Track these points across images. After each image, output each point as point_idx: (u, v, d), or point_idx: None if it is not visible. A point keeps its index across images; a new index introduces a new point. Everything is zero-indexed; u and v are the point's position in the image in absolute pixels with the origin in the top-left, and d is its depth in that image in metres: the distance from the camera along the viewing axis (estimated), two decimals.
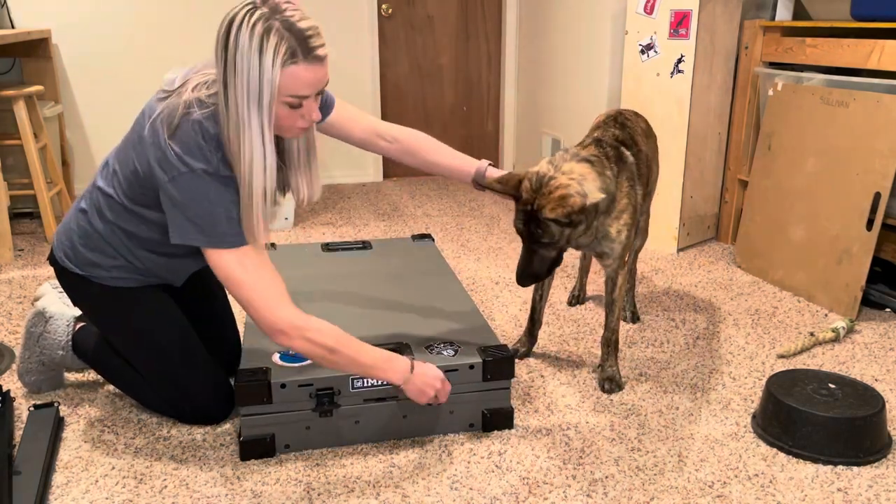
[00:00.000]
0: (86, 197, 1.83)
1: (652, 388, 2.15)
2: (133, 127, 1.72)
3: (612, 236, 1.99)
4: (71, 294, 1.91)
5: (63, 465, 1.77)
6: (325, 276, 2.44)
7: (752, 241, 3.12)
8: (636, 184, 2.03)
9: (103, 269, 1.81)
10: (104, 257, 1.80)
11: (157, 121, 1.60)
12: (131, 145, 1.69)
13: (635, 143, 2.12)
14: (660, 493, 1.67)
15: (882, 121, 2.56)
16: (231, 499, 1.65)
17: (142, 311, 1.86)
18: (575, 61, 4.01)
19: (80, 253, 1.81)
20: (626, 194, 1.97)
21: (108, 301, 1.85)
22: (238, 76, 1.49)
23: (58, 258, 1.85)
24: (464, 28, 4.89)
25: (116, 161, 1.75)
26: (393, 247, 2.75)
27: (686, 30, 3.13)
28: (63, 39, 4.17)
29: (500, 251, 3.43)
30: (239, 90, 1.50)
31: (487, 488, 1.68)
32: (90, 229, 1.79)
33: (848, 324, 2.48)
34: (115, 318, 1.88)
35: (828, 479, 1.73)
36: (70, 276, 1.85)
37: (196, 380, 1.91)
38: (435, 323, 2.07)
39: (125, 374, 1.98)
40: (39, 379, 2.08)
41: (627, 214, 1.98)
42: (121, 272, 1.82)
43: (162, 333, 1.88)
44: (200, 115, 1.58)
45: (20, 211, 3.87)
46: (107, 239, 1.79)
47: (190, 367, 1.90)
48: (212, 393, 1.93)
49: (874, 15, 2.69)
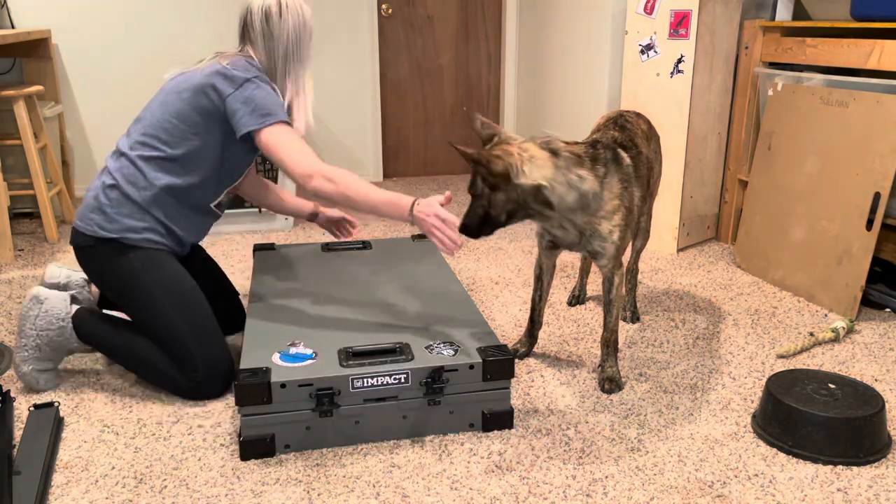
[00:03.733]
0: (108, 175, 2.10)
1: (652, 388, 2.15)
2: (156, 97, 2.13)
3: (603, 235, 1.99)
4: (99, 264, 2.09)
5: (63, 465, 1.77)
6: (325, 276, 2.45)
7: (751, 241, 3.12)
8: (632, 185, 2.02)
9: (136, 231, 2.06)
10: (136, 221, 2.06)
11: (203, 68, 2.09)
12: (163, 102, 2.09)
13: (635, 146, 2.12)
14: (660, 493, 1.67)
15: (882, 121, 2.56)
16: (231, 499, 1.65)
17: (167, 273, 2.08)
18: (575, 61, 4.01)
19: (114, 220, 2.05)
20: (617, 195, 1.97)
21: (138, 262, 2.06)
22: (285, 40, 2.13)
23: (89, 232, 2.06)
24: (464, 28, 4.89)
25: (144, 126, 2.09)
26: (393, 247, 2.75)
27: (686, 30, 3.13)
28: (63, 39, 4.17)
29: (500, 251, 3.43)
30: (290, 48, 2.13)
31: (487, 488, 1.68)
32: (122, 198, 2.06)
33: (848, 324, 2.48)
34: (142, 278, 2.06)
35: (828, 479, 1.73)
36: (102, 246, 2.06)
37: (209, 341, 2.08)
38: (435, 323, 2.07)
39: (129, 350, 2.10)
40: (36, 370, 2.08)
41: (620, 216, 1.98)
42: (151, 234, 2.08)
43: (184, 294, 2.08)
44: (242, 56, 2.12)
45: (20, 211, 3.87)
46: (140, 203, 2.06)
47: (205, 328, 2.08)
48: (220, 357, 2.09)
49: (874, 15, 2.69)
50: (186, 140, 2.07)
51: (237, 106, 2.02)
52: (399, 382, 1.82)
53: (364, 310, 2.17)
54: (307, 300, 2.25)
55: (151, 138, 2.08)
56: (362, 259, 2.61)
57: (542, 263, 2.26)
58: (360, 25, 4.63)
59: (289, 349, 1.91)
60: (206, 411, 2.01)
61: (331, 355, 1.87)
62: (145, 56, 4.29)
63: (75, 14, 4.15)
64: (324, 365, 1.83)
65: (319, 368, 1.81)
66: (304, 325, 2.06)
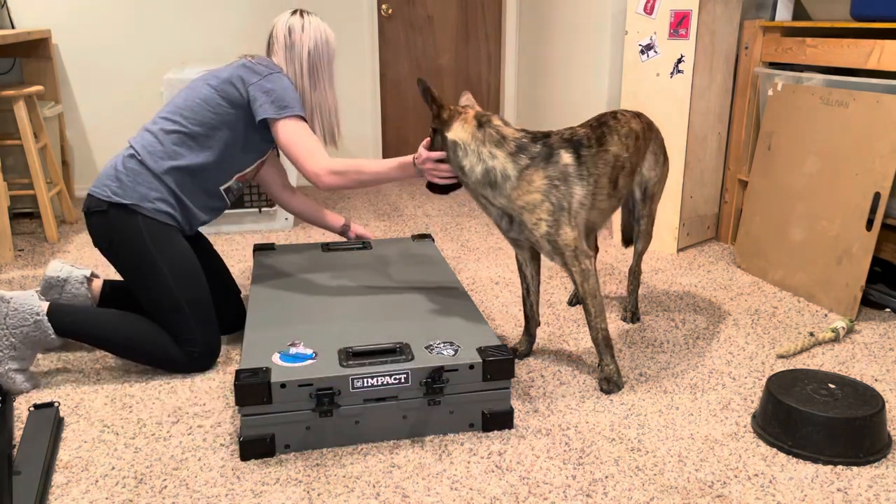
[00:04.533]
0: (129, 147, 2.23)
1: (652, 388, 2.15)
2: (183, 89, 2.31)
3: (529, 227, 2.04)
4: (109, 230, 2.17)
5: (63, 465, 1.77)
6: (325, 276, 2.45)
7: (751, 241, 3.12)
8: (570, 184, 2.02)
9: (149, 200, 2.16)
10: (150, 190, 2.17)
11: (233, 64, 2.29)
12: (191, 88, 2.27)
13: (599, 144, 2.10)
14: (660, 493, 1.67)
15: (882, 121, 2.56)
16: (231, 499, 1.65)
17: (175, 248, 2.18)
18: (575, 61, 4.01)
19: (128, 187, 2.16)
20: (539, 189, 2.00)
21: (147, 232, 2.15)
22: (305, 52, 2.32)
23: (103, 197, 2.16)
24: (464, 28, 4.89)
25: (169, 108, 2.25)
26: (393, 247, 2.75)
27: (686, 30, 3.13)
28: (63, 39, 4.17)
29: (500, 251, 3.43)
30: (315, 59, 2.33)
31: (487, 488, 1.68)
32: (140, 167, 2.18)
33: (848, 324, 2.48)
34: (149, 248, 2.14)
35: (828, 479, 1.73)
36: (114, 210, 2.15)
37: (207, 320, 2.20)
38: (435, 323, 2.07)
39: (115, 331, 2.17)
40: (12, 370, 2.06)
41: (545, 211, 2.01)
42: (163, 205, 2.18)
43: (188, 271, 2.18)
44: (266, 58, 2.33)
45: (20, 211, 3.87)
46: (156, 171, 2.17)
47: (205, 306, 2.20)
48: (216, 337, 2.23)
49: (874, 15, 2.69)
50: (208, 120, 2.22)
51: (258, 94, 2.19)
52: (399, 382, 1.82)
53: (364, 310, 2.17)
54: (307, 300, 2.25)
55: (175, 115, 2.24)
56: (362, 259, 2.61)
57: (517, 255, 2.28)
58: (360, 25, 4.63)
59: (289, 349, 1.91)
60: (206, 411, 2.01)
61: (331, 355, 1.87)
62: (145, 56, 4.29)
63: (75, 14, 4.15)
64: (324, 365, 1.83)
65: (319, 368, 1.81)
66: (304, 325, 2.06)
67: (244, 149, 2.29)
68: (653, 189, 2.42)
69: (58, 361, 2.29)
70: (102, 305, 2.41)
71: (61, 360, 2.30)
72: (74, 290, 2.37)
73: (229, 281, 2.51)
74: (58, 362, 2.29)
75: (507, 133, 2.04)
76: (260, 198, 3.71)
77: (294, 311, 2.17)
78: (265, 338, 1.99)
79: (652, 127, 2.40)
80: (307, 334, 2.00)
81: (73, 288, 2.37)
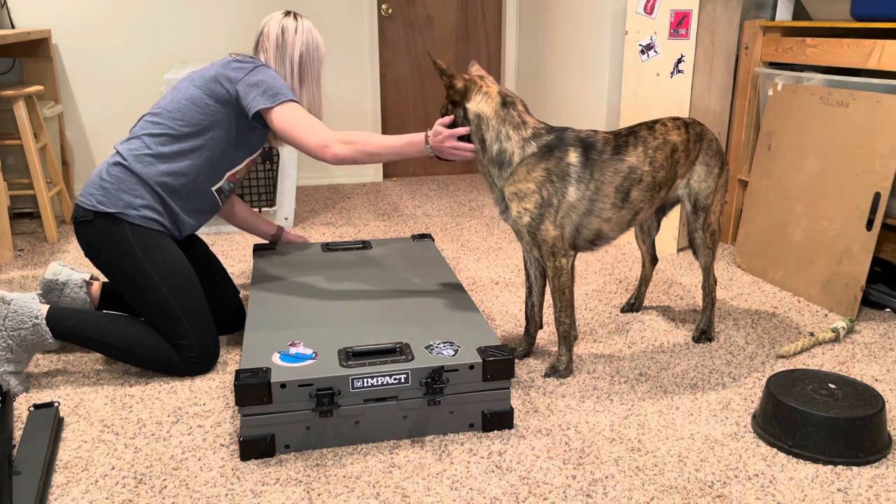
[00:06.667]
0: (116, 154, 2.21)
1: (652, 388, 2.15)
2: (169, 91, 2.29)
3: (512, 215, 2.08)
4: (96, 239, 2.15)
5: (63, 465, 1.77)
6: (325, 276, 2.45)
7: (752, 241, 3.12)
8: (566, 184, 2.03)
9: (134, 208, 2.14)
10: (135, 198, 2.15)
11: (217, 63, 2.28)
12: (177, 89, 2.26)
13: (616, 153, 2.09)
14: (660, 493, 1.67)
15: (882, 121, 2.56)
16: (231, 499, 1.65)
17: (164, 255, 2.17)
18: (575, 61, 4.01)
19: (112, 195, 2.14)
20: (535, 180, 2.02)
21: (135, 240, 2.14)
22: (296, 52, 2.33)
23: (88, 206, 2.15)
24: (464, 28, 4.89)
25: (161, 110, 2.23)
26: (393, 247, 2.75)
27: (686, 30, 3.13)
28: (63, 39, 4.17)
29: (500, 251, 3.43)
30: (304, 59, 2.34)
31: (487, 488, 1.68)
32: (125, 173, 2.17)
33: (848, 324, 2.48)
34: (139, 256, 2.13)
35: (828, 479, 1.73)
36: (100, 220, 2.14)
37: (203, 324, 2.19)
38: (435, 323, 2.07)
39: (113, 336, 2.15)
40: (7, 372, 2.05)
41: (532, 203, 2.03)
42: (149, 212, 2.16)
43: (179, 276, 2.17)
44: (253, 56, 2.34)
45: (20, 211, 3.87)
46: (142, 177, 2.16)
47: (200, 311, 2.19)
48: (213, 340, 2.22)
49: (874, 15, 2.69)
50: (196, 120, 2.21)
51: (247, 89, 2.19)
52: (399, 382, 1.82)
53: (364, 310, 2.17)
54: (307, 300, 2.25)
55: (161, 118, 2.22)
56: (362, 259, 2.61)
57: (524, 254, 2.29)
58: (360, 25, 4.63)
59: (289, 349, 1.91)
60: (206, 411, 2.01)
61: (331, 355, 1.87)
62: (145, 56, 4.29)
63: (75, 14, 4.15)
64: (324, 365, 1.83)
65: (319, 368, 1.81)
66: (304, 325, 2.06)
67: (236, 146, 2.28)
68: (705, 202, 2.30)
69: (57, 362, 2.29)
70: (102, 308, 2.41)
71: (61, 360, 2.31)
72: (73, 293, 2.37)
73: (227, 282, 2.50)
74: (57, 363, 2.29)
75: (527, 120, 2.08)
76: (260, 198, 3.71)
77: (294, 311, 2.17)
78: (265, 338, 1.99)
79: (703, 137, 2.28)
80: (307, 334, 2.00)
81: (72, 292, 2.37)
